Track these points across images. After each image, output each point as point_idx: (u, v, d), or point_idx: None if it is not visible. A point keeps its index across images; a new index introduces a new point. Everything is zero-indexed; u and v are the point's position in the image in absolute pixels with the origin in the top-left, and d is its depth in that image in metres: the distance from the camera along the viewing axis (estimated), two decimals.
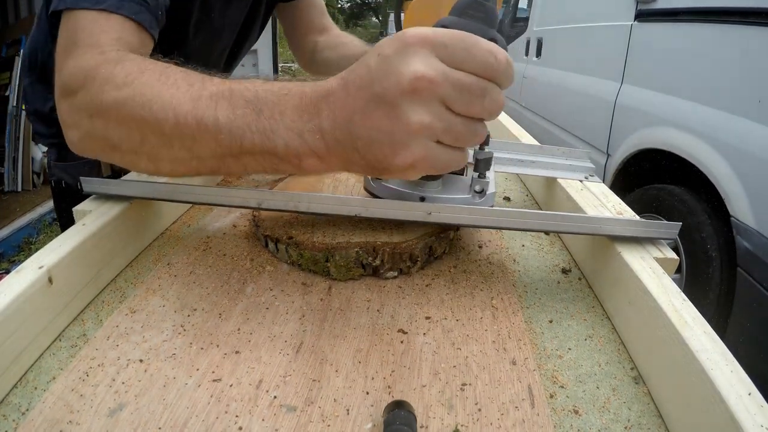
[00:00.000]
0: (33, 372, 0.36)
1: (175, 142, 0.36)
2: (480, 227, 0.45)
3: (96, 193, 0.50)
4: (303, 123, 0.33)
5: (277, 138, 0.33)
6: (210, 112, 0.34)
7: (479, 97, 0.30)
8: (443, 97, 0.30)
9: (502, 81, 0.31)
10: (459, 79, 0.29)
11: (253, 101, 0.34)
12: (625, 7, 1.96)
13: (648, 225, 0.45)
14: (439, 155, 0.32)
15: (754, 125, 1.30)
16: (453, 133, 0.31)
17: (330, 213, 0.46)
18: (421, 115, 0.30)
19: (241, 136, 0.34)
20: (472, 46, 0.30)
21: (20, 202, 2.62)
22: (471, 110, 0.31)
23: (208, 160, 0.36)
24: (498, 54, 0.30)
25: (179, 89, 0.36)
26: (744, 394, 0.28)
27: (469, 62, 0.30)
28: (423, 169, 0.32)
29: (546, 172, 0.64)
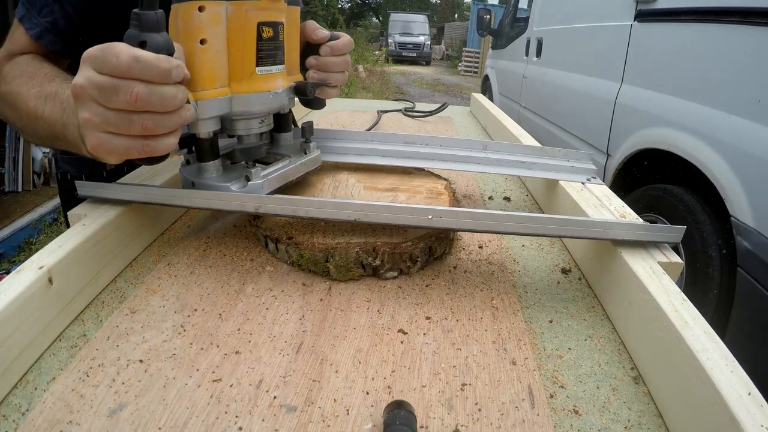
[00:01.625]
0: (33, 372, 0.36)
1: (28, 125, 0.51)
2: (480, 231, 0.45)
3: (91, 196, 0.50)
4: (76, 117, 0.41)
5: (68, 130, 0.45)
6: (41, 107, 0.48)
7: (113, 92, 0.36)
8: (92, 97, 0.37)
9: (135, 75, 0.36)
10: (98, 81, 0.36)
11: (63, 102, 0.46)
12: (625, 7, 1.96)
13: (651, 229, 0.44)
14: (111, 142, 0.38)
15: (754, 125, 1.30)
16: (110, 124, 0.38)
17: (329, 218, 0.46)
18: (81, 113, 0.38)
19: (53, 126, 0.47)
20: (106, 53, 0.36)
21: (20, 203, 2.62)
22: (112, 103, 0.37)
23: (46, 140, 0.51)
24: (120, 54, 0.35)
25: (33, 88, 0.50)
26: (744, 394, 0.28)
27: (104, 66, 0.36)
28: (104, 153, 0.39)
29: (547, 174, 0.63)
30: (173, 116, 0.39)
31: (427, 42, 16.33)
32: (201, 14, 0.42)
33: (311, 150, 0.57)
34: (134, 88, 0.36)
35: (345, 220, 0.45)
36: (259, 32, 0.47)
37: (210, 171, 0.50)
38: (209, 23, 0.43)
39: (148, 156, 0.40)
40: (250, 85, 0.48)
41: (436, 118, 1.34)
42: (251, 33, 0.46)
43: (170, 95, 0.38)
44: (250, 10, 0.45)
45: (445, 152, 0.65)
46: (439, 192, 0.59)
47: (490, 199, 0.73)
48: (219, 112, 0.46)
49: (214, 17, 0.43)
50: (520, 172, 0.64)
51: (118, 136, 0.39)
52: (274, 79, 0.50)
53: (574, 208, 0.56)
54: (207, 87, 0.44)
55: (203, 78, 0.44)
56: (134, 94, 0.36)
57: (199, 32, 0.43)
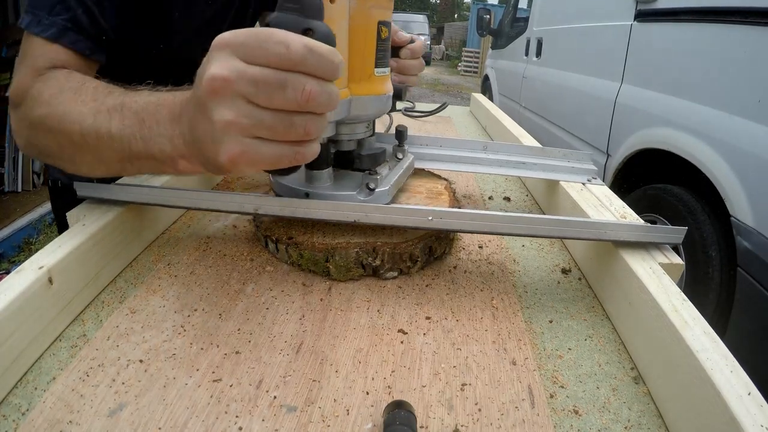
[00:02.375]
0: (33, 372, 0.36)
1: (84, 150, 0.41)
2: (481, 233, 0.45)
3: (89, 197, 0.50)
4: (172, 130, 0.36)
5: (154, 144, 0.37)
6: (105, 124, 0.39)
7: (278, 88, 0.30)
8: (242, 93, 0.30)
9: (309, 69, 0.30)
10: (254, 74, 0.30)
11: (138, 113, 0.38)
12: (625, 6, 1.96)
13: (652, 230, 0.44)
14: (260, 149, 0.32)
15: (754, 125, 1.30)
16: (264, 127, 0.31)
17: (328, 219, 0.45)
18: (224, 114, 0.31)
19: (129, 144, 0.38)
20: (265, 40, 0.30)
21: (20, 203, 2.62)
22: (274, 102, 0.31)
23: (112, 163, 0.41)
24: (291, 44, 0.29)
25: (85, 105, 0.41)
26: (744, 394, 0.28)
27: (263, 57, 0.30)
28: (246, 163, 0.33)
29: (548, 174, 0.63)
30: (326, 118, 0.34)
31: (426, 42, 16.31)
32: (332, 6, 0.38)
33: (406, 154, 0.55)
34: (306, 84, 0.30)
35: (344, 221, 0.45)
36: (379, 31, 0.44)
37: (323, 180, 0.47)
38: (337, 18, 0.39)
39: (296, 164, 0.34)
40: (369, 86, 0.45)
41: (436, 117, 1.34)
42: (372, 31, 0.43)
43: (335, 94, 0.32)
44: (373, 7, 0.43)
45: (445, 153, 0.65)
46: (439, 192, 0.59)
47: (490, 199, 0.73)
48: (340, 115, 0.43)
49: (341, 11, 0.40)
50: (520, 172, 0.64)
51: (268, 142, 0.32)
52: (387, 81, 0.48)
53: (574, 208, 0.56)
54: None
55: None
56: (307, 92, 0.30)
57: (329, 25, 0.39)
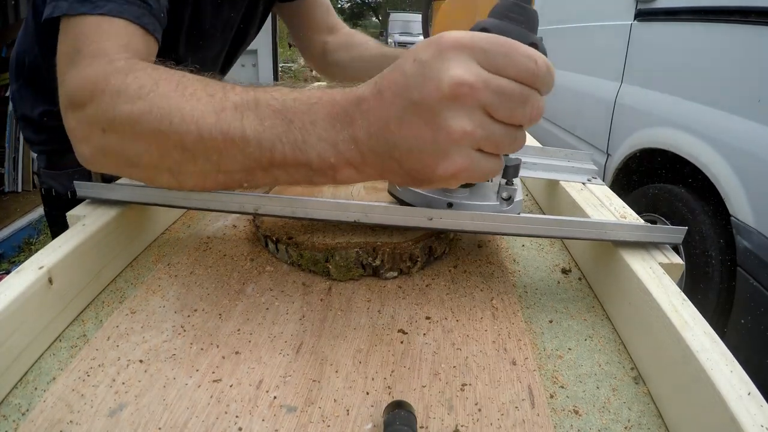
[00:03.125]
0: (33, 372, 0.36)
1: (199, 156, 0.35)
2: (481, 233, 0.44)
3: (89, 197, 0.49)
4: (336, 133, 0.32)
5: (309, 149, 0.32)
6: (236, 123, 0.33)
7: (521, 103, 0.29)
8: (485, 103, 0.29)
9: (542, 87, 0.30)
10: (500, 85, 0.29)
11: (281, 111, 0.33)
12: (624, 6, 1.96)
13: (653, 230, 0.44)
14: (480, 164, 0.31)
15: (754, 125, 1.30)
16: (494, 141, 0.30)
17: (329, 219, 0.45)
18: (462, 123, 0.29)
19: (271, 149, 0.33)
20: (513, 51, 0.29)
21: (20, 203, 2.62)
22: (513, 117, 0.30)
23: (236, 173, 0.35)
24: (539, 60, 0.29)
25: (200, 100, 0.34)
26: (744, 394, 0.28)
27: (509, 68, 0.29)
28: (464, 178, 0.31)
29: (548, 174, 0.63)
30: None
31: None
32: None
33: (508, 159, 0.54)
34: (540, 101, 0.30)
35: (345, 221, 0.45)
36: None
37: (462, 190, 0.45)
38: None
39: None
40: None
41: None
42: None
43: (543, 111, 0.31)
44: None
45: None
46: None
47: None
48: None
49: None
50: (521, 172, 0.64)
51: (488, 156, 0.31)
52: None
53: (574, 208, 0.56)
54: None
55: None
56: (539, 109, 0.30)
57: None
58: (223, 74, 0.88)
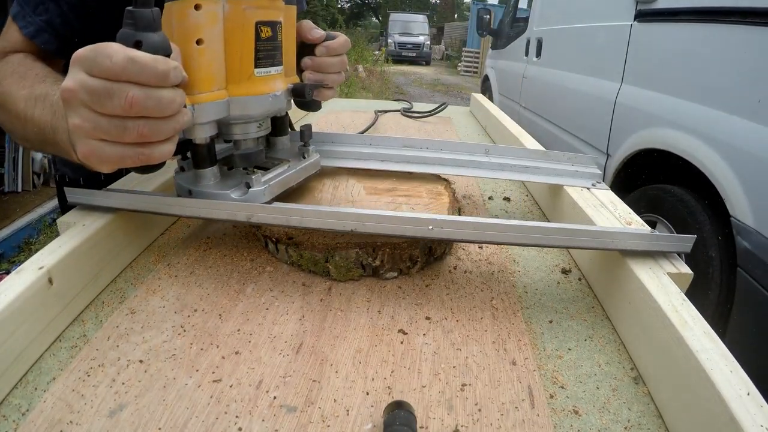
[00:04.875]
0: (33, 372, 0.36)
1: (18, 127, 0.48)
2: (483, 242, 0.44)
3: (80, 204, 0.49)
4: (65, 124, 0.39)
5: (58, 134, 0.42)
6: (30, 110, 0.45)
7: (107, 97, 0.34)
8: (83, 101, 0.34)
9: (131, 78, 0.34)
10: (90, 85, 0.34)
11: (53, 104, 0.43)
12: (624, 7, 1.96)
13: (659, 238, 0.43)
14: (103, 150, 0.36)
15: (754, 125, 1.30)
16: (103, 131, 0.35)
17: (324, 228, 0.44)
18: (72, 119, 0.35)
19: (43, 129, 0.44)
20: (98, 54, 0.33)
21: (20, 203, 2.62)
22: (105, 109, 0.34)
23: (35, 143, 0.48)
24: (113, 56, 0.33)
25: (23, 90, 0.48)
26: (744, 394, 0.28)
27: (95, 69, 0.34)
28: (96, 162, 0.37)
29: (551, 179, 0.62)
30: (170, 122, 0.37)
31: (426, 42, 16.32)
32: (197, 13, 0.41)
33: (310, 154, 0.56)
34: (129, 92, 0.34)
35: (341, 230, 0.44)
36: (258, 32, 0.45)
37: (207, 178, 0.48)
38: (206, 22, 0.42)
39: (144, 164, 0.38)
40: (248, 87, 0.46)
41: (436, 118, 1.34)
42: (249, 33, 0.45)
43: (168, 99, 0.36)
44: (248, 8, 0.44)
45: (446, 156, 0.64)
46: (439, 192, 0.59)
47: (490, 199, 0.73)
48: (216, 116, 0.44)
49: (211, 16, 0.42)
50: (523, 177, 0.63)
51: (111, 143, 0.36)
52: (273, 80, 0.49)
53: (579, 214, 0.55)
54: (204, 90, 0.43)
55: (200, 80, 0.42)
56: (129, 99, 0.34)
57: (196, 32, 0.41)
58: None
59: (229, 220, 0.47)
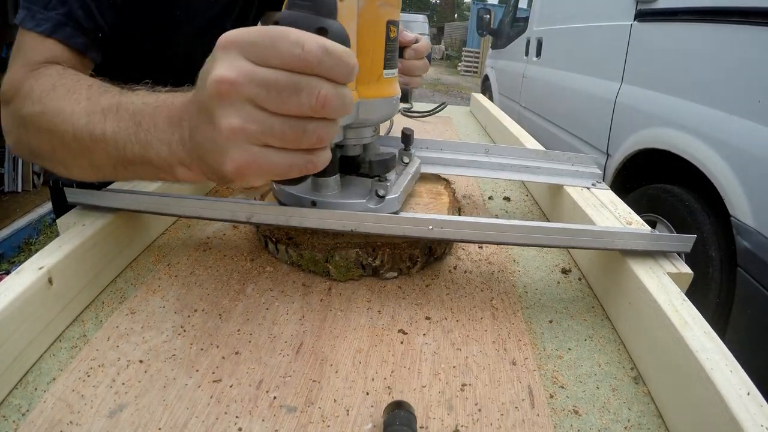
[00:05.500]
0: (33, 373, 0.36)
1: (76, 152, 0.39)
2: (483, 242, 0.44)
3: (80, 204, 0.49)
4: (170, 134, 0.34)
5: (151, 149, 0.35)
6: (100, 125, 0.37)
7: (292, 93, 0.28)
8: (252, 97, 0.28)
9: (324, 72, 0.28)
10: (265, 76, 0.28)
11: (134, 114, 0.36)
12: (625, 7, 1.96)
13: (660, 238, 0.43)
14: (270, 159, 0.30)
15: (753, 125, 1.30)
16: (275, 134, 0.29)
17: (324, 228, 0.44)
18: (230, 119, 0.28)
19: (124, 147, 0.36)
20: (278, 39, 0.27)
21: (20, 203, 2.62)
22: (286, 107, 0.28)
23: (105, 168, 0.39)
24: (306, 44, 0.27)
25: (79, 104, 0.39)
26: (744, 394, 0.28)
27: (274, 57, 0.28)
28: (254, 174, 0.30)
29: (551, 179, 0.62)
30: (338, 124, 0.31)
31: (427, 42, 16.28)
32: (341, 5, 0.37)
33: (412, 159, 0.52)
34: (321, 88, 0.28)
35: (341, 231, 0.44)
36: (388, 31, 0.42)
37: (331, 187, 0.45)
38: (346, 17, 0.38)
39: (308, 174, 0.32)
40: (377, 89, 0.43)
41: (436, 118, 1.34)
42: (381, 32, 0.42)
43: (350, 99, 0.30)
44: (381, 6, 0.41)
45: (446, 156, 0.64)
46: (439, 192, 0.59)
47: (490, 199, 0.73)
48: (348, 120, 0.41)
49: (350, 11, 0.39)
50: (523, 176, 0.63)
51: (279, 150, 0.30)
52: (395, 83, 0.46)
53: (579, 214, 0.55)
54: None
55: None
56: (323, 97, 0.28)
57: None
58: None
59: (230, 220, 0.46)
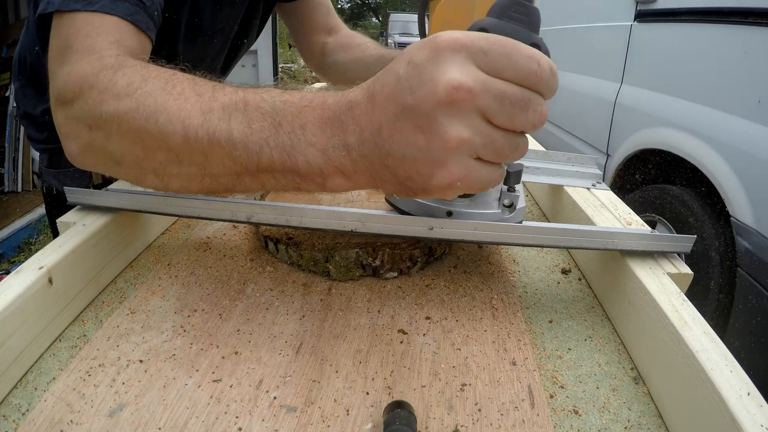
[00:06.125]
0: (33, 372, 0.36)
1: (184, 158, 0.33)
2: (483, 243, 0.43)
3: (80, 203, 0.49)
4: (326, 138, 0.30)
5: (298, 155, 0.31)
6: (223, 125, 0.32)
7: (522, 109, 0.27)
8: (483, 108, 0.27)
9: (546, 90, 0.28)
10: (500, 89, 0.26)
11: (271, 113, 0.31)
12: (625, 7, 1.96)
13: (660, 238, 0.43)
14: (479, 173, 0.29)
15: (753, 125, 1.30)
16: (494, 149, 0.28)
17: (324, 228, 0.44)
18: (459, 130, 0.27)
19: (258, 152, 0.31)
20: (514, 52, 0.27)
21: (20, 203, 2.62)
22: (514, 123, 0.27)
23: (222, 177, 0.34)
24: (542, 61, 0.27)
25: (187, 100, 0.33)
26: (744, 394, 0.28)
27: (510, 70, 0.27)
28: (462, 188, 0.29)
29: (551, 179, 0.62)
30: None
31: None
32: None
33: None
34: (543, 105, 0.28)
35: (341, 230, 0.44)
36: None
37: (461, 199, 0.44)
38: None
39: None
40: None
41: None
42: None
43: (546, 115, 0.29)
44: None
45: None
46: None
47: None
48: None
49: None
50: (523, 177, 0.62)
51: (488, 165, 0.29)
52: None
53: (579, 214, 0.55)
54: None
55: None
56: (544, 115, 0.28)
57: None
58: (224, 75, 0.87)
59: (230, 220, 0.46)
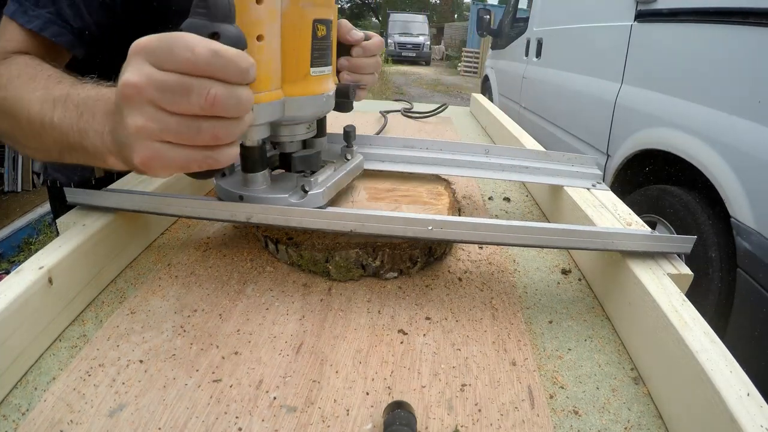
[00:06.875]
0: (33, 372, 0.36)
1: (29, 135, 0.43)
2: (483, 243, 0.44)
3: (79, 204, 0.49)
4: (103, 126, 0.37)
5: (87, 138, 0.38)
6: (49, 113, 0.40)
7: (182, 94, 0.31)
8: (151, 99, 0.31)
9: (214, 73, 0.31)
10: (162, 80, 0.31)
11: (78, 105, 0.39)
12: (625, 7, 1.96)
13: (660, 239, 0.43)
14: (168, 154, 0.33)
15: (754, 125, 1.30)
16: (171, 132, 0.32)
17: (323, 229, 0.44)
18: (134, 118, 0.32)
19: (67, 134, 0.39)
20: (174, 45, 0.30)
21: (20, 203, 2.62)
22: (179, 108, 0.31)
23: (52, 151, 0.42)
24: (195, 48, 0.30)
25: (36, 92, 0.42)
26: (744, 394, 0.28)
27: (170, 62, 0.31)
28: (157, 167, 0.34)
29: (551, 179, 0.62)
30: (241, 123, 0.34)
31: (426, 42, 16.31)
32: (259, 7, 0.38)
33: (354, 155, 0.54)
34: (211, 88, 0.31)
35: (341, 231, 0.44)
36: (314, 30, 0.43)
37: (259, 182, 0.46)
38: (267, 18, 0.39)
39: (209, 169, 0.35)
40: (304, 87, 0.44)
41: (437, 118, 1.33)
42: (307, 30, 0.43)
43: (246, 98, 0.33)
44: (306, 5, 0.42)
45: (447, 156, 0.64)
46: (439, 192, 0.59)
47: (490, 199, 0.73)
48: (272, 117, 0.42)
49: (271, 12, 0.39)
50: (523, 177, 0.63)
51: (177, 146, 0.33)
52: (326, 80, 0.47)
53: (579, 215, 0.55)
54: (262, 89, 0.40)
55: (259, 79, 0.39)
56: (211, 97, 0.31)
57: (257, 27, 0.38)
58: None
59: (229, 221, 0.46)
